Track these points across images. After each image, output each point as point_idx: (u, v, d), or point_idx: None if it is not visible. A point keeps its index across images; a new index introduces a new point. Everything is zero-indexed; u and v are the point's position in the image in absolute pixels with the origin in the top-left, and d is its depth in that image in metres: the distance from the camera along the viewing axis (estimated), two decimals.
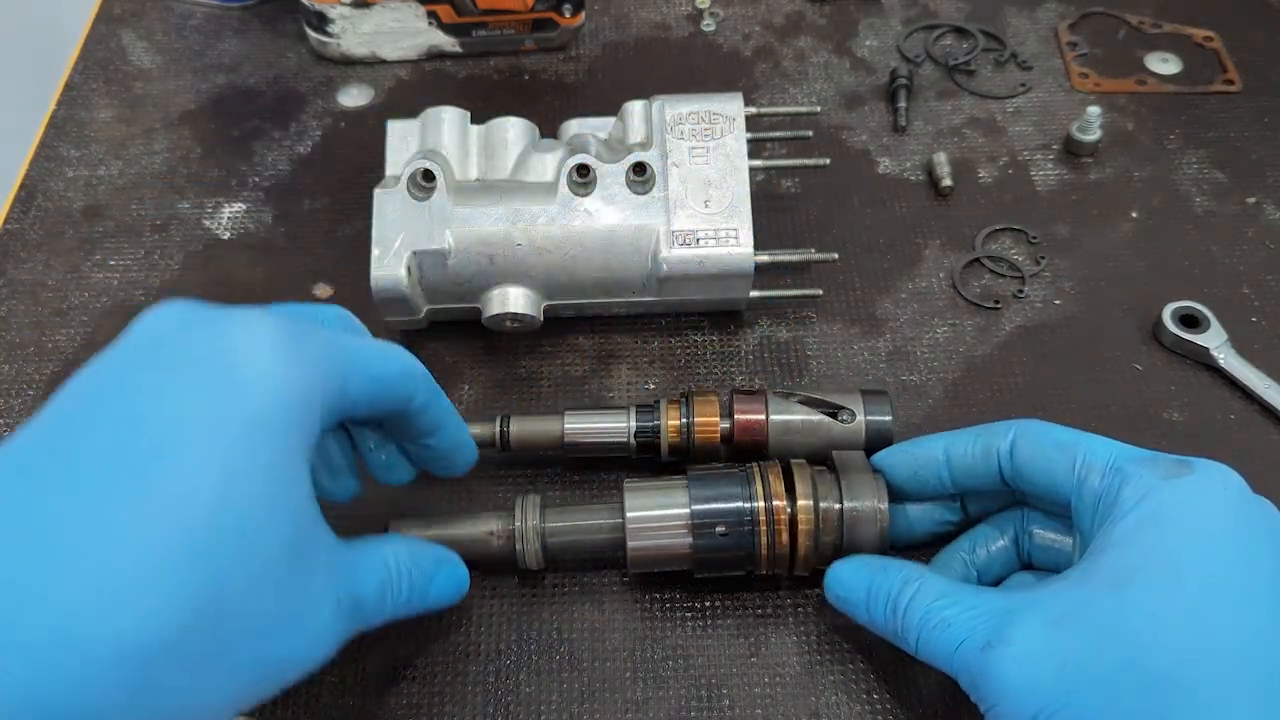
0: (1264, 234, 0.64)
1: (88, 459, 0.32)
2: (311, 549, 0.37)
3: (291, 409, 0.36)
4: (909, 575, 0.43)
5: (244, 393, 0.35)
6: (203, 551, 0.32)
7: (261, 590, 0.34)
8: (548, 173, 0.57)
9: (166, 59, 0.75)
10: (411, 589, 0.42)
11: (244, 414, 0.34)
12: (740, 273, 0.56)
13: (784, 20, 0.78)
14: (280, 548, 0.35)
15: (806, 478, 0.47)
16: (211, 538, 0.32)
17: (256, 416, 0.34)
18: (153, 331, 0.37)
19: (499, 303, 0.55)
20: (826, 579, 0.46)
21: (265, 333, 0.36)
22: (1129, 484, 0.40)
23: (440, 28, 0.73)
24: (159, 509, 0.32)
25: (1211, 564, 0.37)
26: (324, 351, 0.38)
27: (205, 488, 0.32)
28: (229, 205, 0.66)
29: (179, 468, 0.33)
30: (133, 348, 0.36)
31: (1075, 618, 0.38)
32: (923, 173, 0.68)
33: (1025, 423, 0.45)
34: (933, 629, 0.41)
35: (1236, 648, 0.36)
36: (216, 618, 0.32)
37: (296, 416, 0.36)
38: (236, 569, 0.33)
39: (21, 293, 0.62)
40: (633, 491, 0.48)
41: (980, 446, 0.46)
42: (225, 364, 0.35)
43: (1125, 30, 0.76)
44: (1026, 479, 0.44)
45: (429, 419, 0.44)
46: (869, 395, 0.51)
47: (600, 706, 0.46)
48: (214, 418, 0.34)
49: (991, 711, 0.39)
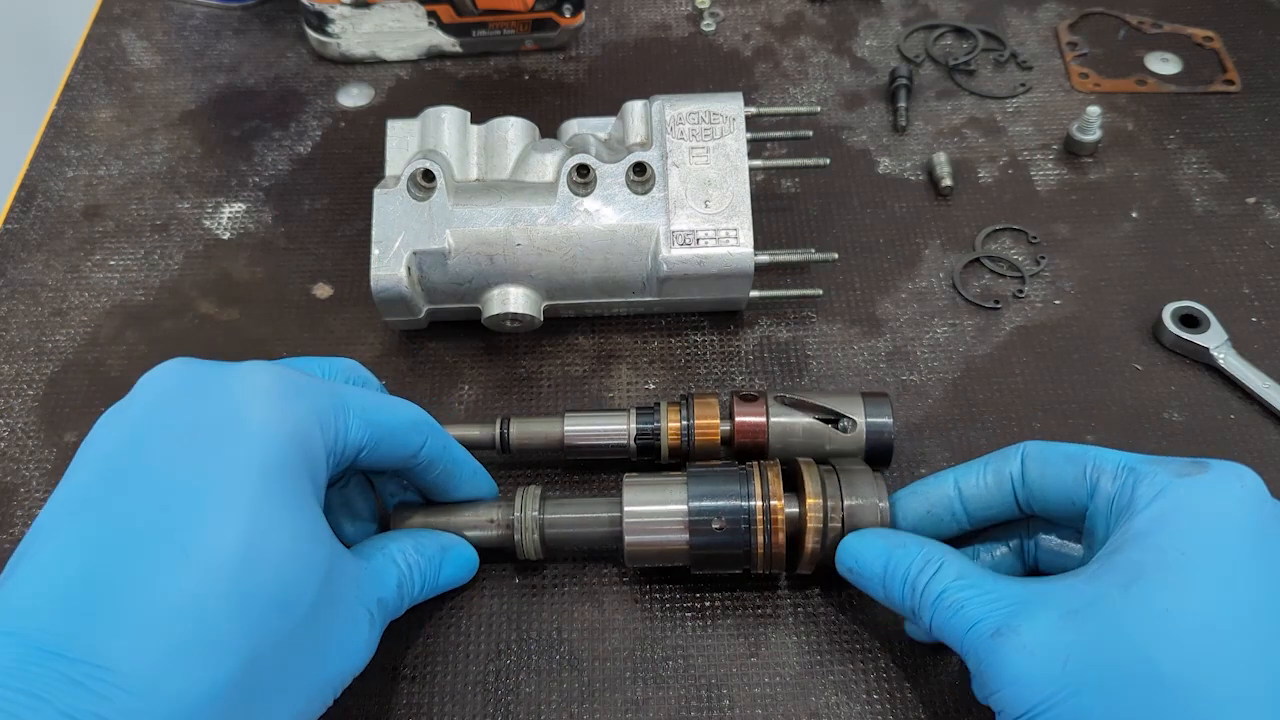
0: (1264, 234, 0.64)
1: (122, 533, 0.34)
2: (340, 572, 0.39)
3: (296, 451, 0.38)
4: (930, 555, 0.43)
5: (252, 443, 0.37)
6: (241, 600, 0.35)
7: (300, 619, 0.36)
8: (548, 173, 0.57)
9: (166, 59, 0.75)
10: (424, 579, 0.45)
11: (256, 463, 0.37)
12: (740, 273, 0.56)
13: (784, 20, 0.78)
14: (313, 577, 0.37)
15: (815, 476, 0.47)
16: (246, 585, 0.35)
17: (268, 464, 0.37)
18: (158, 395, 0.39)
19: (499, 303, 0.55)
20: (839, 551, 0.46)
21: (263, 383, 0.39)
22: (1143, 481, 0.40)
23: (440, 28, 0.73)
24: (195, 569, 0.34)
25: (1225, 565, 0.37)
26: (320, 397, 0.41)
27: (234, 540, 0.35)
28: (229, 205, 0.66)
29: (208, 527, 0.35)
30: (142, 415, 0.38)
31: (1083, 613, 0.38)
32: (923, 173, 0.68)
33: (1032, 444, 0.45)
34: (948, 609, 0.41)
35: (1247, 651, 0.36)
36: (265, 659, 0.35)
37: (302, 457, 0.38)
38: (276, 609, 0.36)
39: (21, 293, 0.62)
40: (631, 486, 0.48)
41: (992, 474, 0.45)
42: (232, 419, 0.38)
43: (1125, 30, 0.76)
44: (1039, 496, 0.44)
45: (440, 471, 0.46)
46: (869, 398, 0.51)
47: (600, 706, 0.46)
48: (230, 472, 0.36)
49: (993, 697, 0.39)
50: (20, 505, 0.53)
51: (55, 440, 0.56)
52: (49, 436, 0.56)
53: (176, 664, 0.33)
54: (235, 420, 0.38)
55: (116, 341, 0.60)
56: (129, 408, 0.39)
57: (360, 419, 0.42)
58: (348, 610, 0.40)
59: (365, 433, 0.42)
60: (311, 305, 0.61)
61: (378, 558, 0.44)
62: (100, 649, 0.32)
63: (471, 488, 0.48)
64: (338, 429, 0.41)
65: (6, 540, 0.52)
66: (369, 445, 0.42)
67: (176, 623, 0.33)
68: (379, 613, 0.42)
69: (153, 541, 0.34)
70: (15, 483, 0.54)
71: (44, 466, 0.55)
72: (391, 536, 0.46)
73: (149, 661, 0.32)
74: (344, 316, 0.61)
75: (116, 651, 0.32)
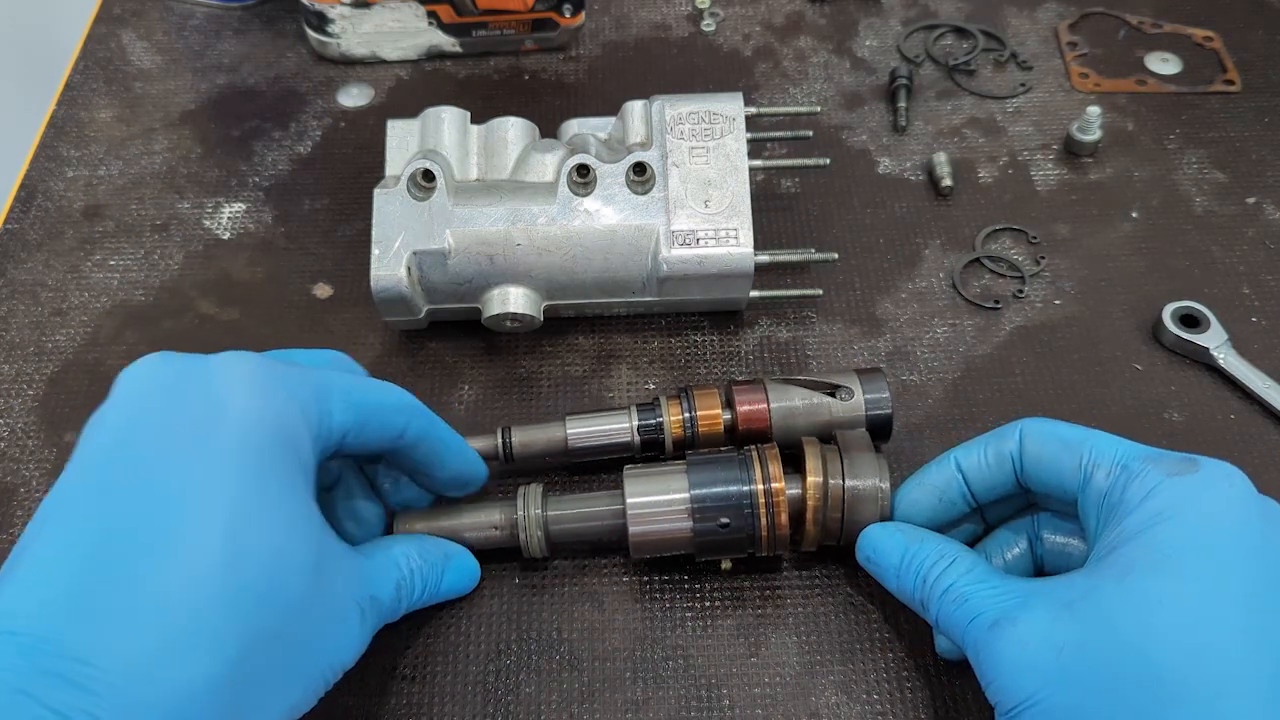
0: (1264, 234, 0.64)
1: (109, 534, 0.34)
2: (331, 563, 0.39)
3: (278, 438, 0.38)
4: (945, 550, 0.43)
5: (233, 433, 0.37)
6: (230, 591, 0.35)
7: (291, 609, 0.36)
8: (548, 173, 0.57)
9: (166, 59, 0.75)
10: (425, 585, 0.45)
11: (238, 453, 0.37)
12: (740, 273, 0.56)
13: (784, 20, 0.78)
14: (301, 568, 0.37)
15: (816, 454, 0.47)
16: (234, 575, 0.35)
17: (250, 453, 0.37)
18: (136, 393, 0.39)
19: (499, 303, 0.55)
20: (860, 540, 0.47)
21: (241, 372, 0.39)
22: (1135, 481, 0.40)
23: (440, 28, 0.73)
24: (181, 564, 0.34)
25: (1214, 560, 0.37)
26: (301, 383, 0.40)
27: (219, 532, 0.35)
28: (229, 205, 0.66)
29: (192, 521, 0.35)
30: (122, 415, 0.38)
31: (1077, 606, 0.38)
32: (923, 173, 0.68)
33: (1031, 421, 0.45)
34: (953, 602, 0.41)
35: (1237, 645, 0.36)
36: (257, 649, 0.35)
37: (285, 443, 0.38)
38: (266, 598, 0.36)
39: (21, 293, 0.62)
40: (633, 478, 0.48)
41: (992, 454, 0.45)
42: (211, 411, 0.37)
43: (1125, 30, 0.76)
44: (1034, 478, 0.44)
45: (428, 450, 0.46)
46: (864, 374, 0.52)
47: (600, 706, 0.46)
48: (213, 464, 0.36)
49: (990, 688, 0.40)
50: (20, 505, 0.53)
51: (55, 440, 0.56)
52: (49, 436, 0.56)
53: (167, 658, 0.33)
54: (215, 411, 0.37)
55: (116, 341, 0.60)
56: (109, 408, 0.38)
57: (343, 401, 0.41)
58: (338, 602, 0.40)
59: (349, 415, 0.41)
60: (311, 305, 0.61)
61: (378, 556, 0.44)
62: (90, 647, 0.32)
63: (460, 463, 0.48)
64: (320, 413, 0.40)
65: (6, 540, 0.52)
66: (354, 428, 0.42)
67: (166, 618, 0.33)
68: (371, 609, 0.42)
69: (139, 540, 0.34)
70: (15, 483, 0.54)
71: (44, 466, 0.55)
72: (396, 540, 0.46)
73: (140, 657, 0.32)
74: (344, 316, 0.61)
75: (106, 649, 0.32)
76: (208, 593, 0.34)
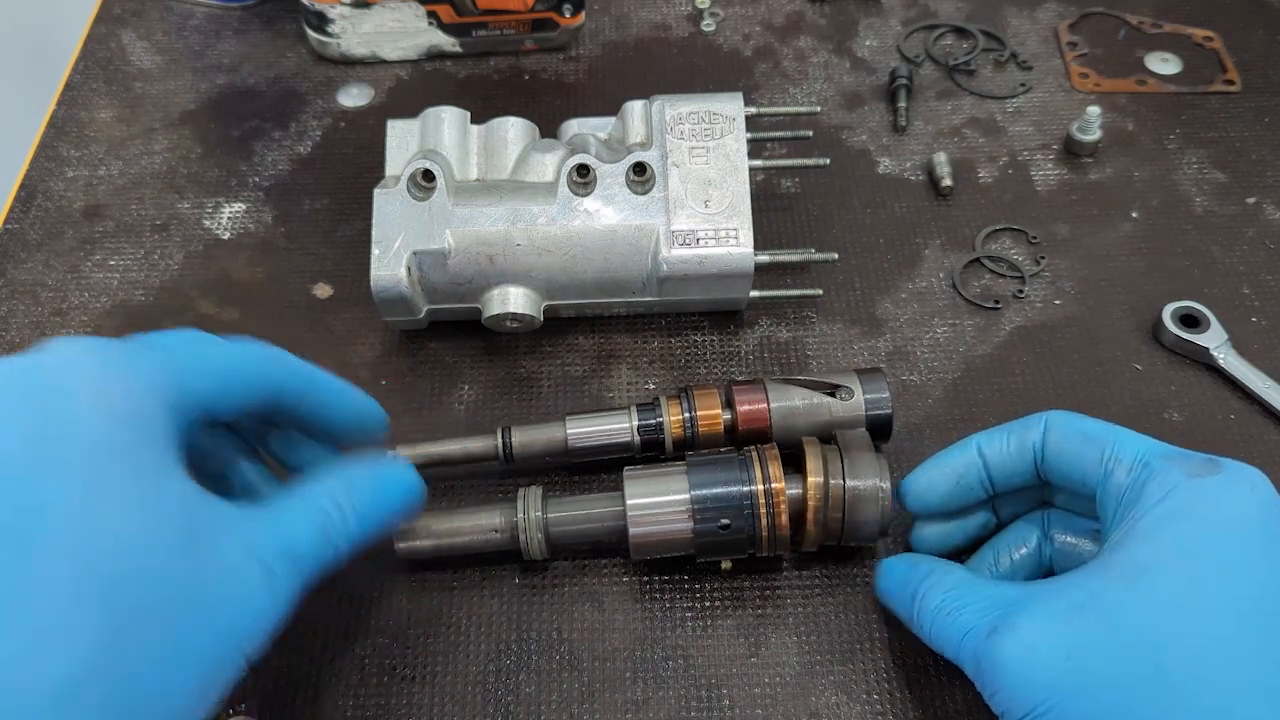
0: (1264, 234, 0.64)
1: None
2: (210, 527, 0.37)
3: (123, 416, 0.36)
4: (933, 567, 0.43)
5: (73, 417, 0.35)
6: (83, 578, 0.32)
7: (165, 583, 0.34)
8: (548, 173, 0.57)
9: (166, 59, 0.75)
10: (360, 519, 0.41)
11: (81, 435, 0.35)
12: (740, 273, 0.56)
13: (784, 20, 0.78)
14: (168, 537, 0.35)
15: (817, 454, 0.47)
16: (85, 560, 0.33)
17: (94, 434, 0.35)
18: None
19: (499, 303, 0.55)
20: (876, 575, 0.47)
21: (75, 355, 0.37)
22: (1154, 480, 0.40)
23: (440, 28, 0.73)
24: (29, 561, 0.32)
25: (1231, 563, 0.37)
26: (144, 357, 0.38)
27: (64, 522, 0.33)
28: (229, 205, 0.66)
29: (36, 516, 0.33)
30: None
31: (1086, 608, 0.37)
32: (923, 173, 0.68)
33: (1056, 414, 0.45)
34: (944, 616, 0.41)
35: (1252, 650, 0.35)
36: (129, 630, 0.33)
37: (131, 421, 0.36)
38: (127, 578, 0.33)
39: (21, 293, 0.62)
40: (633, 479, 0.48)
41: (1015, 443, 0.45)
42: (49, 398, 0.35)
43: (1125, 30, 0.76)
44: (1055, 470, 0.44)
45: (313, 402, 0.44)
46: (864, 374, 0.52)
47: (600, 706, 0.46)
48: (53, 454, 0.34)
49: (994, 698, 0.39)
50: None
51: None
52: None
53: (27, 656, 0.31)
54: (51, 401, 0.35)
55: None
56: None
57: (197, 367, 0.40)
58: (229, 561, 0.37)
59: (207, 380, 0.40)
60: (311, 305, 0.61)
61: (288, 505, 0.40)
62: None
63: (354, 413, 0.46)
64: (172, 384, 0.38)
65: None
66: (218, 392, 0.40)
67: (15, 621, 0.32)
68: (284, 562, 0.38)
69: None
70: None
71: None
72: (315, 478, 0.42)
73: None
74: (344, 316, 0.61)
75: None
76: (61, 587, 0.32)
